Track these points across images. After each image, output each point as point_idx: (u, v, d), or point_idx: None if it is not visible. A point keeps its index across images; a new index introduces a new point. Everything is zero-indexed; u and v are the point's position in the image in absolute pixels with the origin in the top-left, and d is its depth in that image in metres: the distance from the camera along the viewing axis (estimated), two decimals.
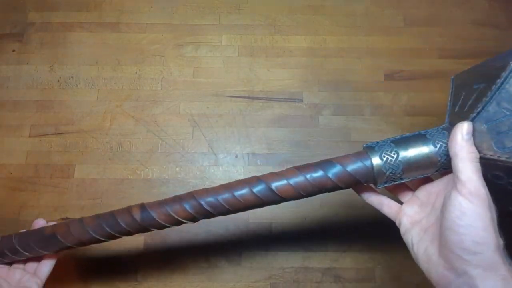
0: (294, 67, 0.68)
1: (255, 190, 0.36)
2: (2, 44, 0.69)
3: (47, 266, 0.43)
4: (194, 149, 0.62)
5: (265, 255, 0.57)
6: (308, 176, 0.36)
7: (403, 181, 0.35)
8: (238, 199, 0.36)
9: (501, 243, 0.28)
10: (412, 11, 0.72)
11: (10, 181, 0.60)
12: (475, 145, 0.30)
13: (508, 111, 0.30)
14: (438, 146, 0.33)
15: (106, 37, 0.69)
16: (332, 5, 0.72)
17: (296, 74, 0.67)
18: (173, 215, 0.37)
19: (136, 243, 0.57)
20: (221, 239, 0.58)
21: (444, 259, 0.29)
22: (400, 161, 0.34)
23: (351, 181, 0.36)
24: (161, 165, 0.61)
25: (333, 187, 0.36)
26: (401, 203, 0.37)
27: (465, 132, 0.30)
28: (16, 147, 0.62)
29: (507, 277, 0.27)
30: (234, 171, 0.61)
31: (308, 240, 0.58)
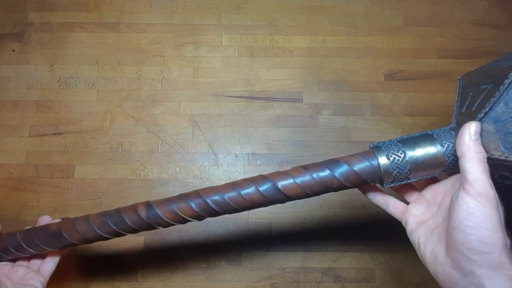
0: (294, 67, 0.68)
1: (261, 188, 0.36)
2: (2, 44, 0.69)
3: (50, 264, 0.43)
4: (194, 149, 0.62)
5: (265, 255, 0.57)
6: (314, 175, 0.36)
7: (409, 181, 0.35)
8: (244, 198, 0.36)
9: (508, 243, 0.28)
10: (412, 11, 0.72)
11: (10, 181, 0.60)
12: (483, 145, 0.30)
13: None
14: (445, 146, 0.33)
15: (106, 37, 0.69)
16: (332, 5, 0.72)
17: (296, 74, 0.67)
18: (179, 213, 0.37)
19: (136, 243, 0.57)
20: (221, 239, 0.58)
21: (451, 259, 0.29)
22: (407, 161, 0.34)
23: (358, 181, 0.35)
24: (161, 165, 0.61)
25: (340, 187, 0.36)
26: (407, 203, 0.37)
27: (473, 132, 0.30)
28: (16, 147, 0.62)
29: None
30: (234, 171, 0.61)
31: (308, 240, 0.58)
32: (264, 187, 0.36)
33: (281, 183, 0.36)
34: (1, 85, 0.66)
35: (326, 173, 0.36)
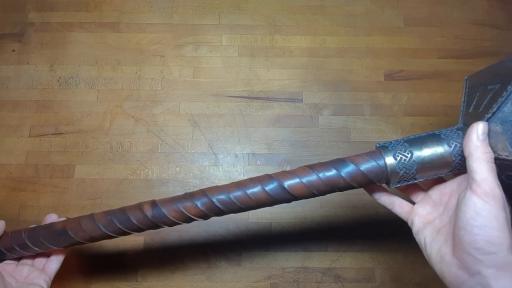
0: (294, 67, 0.68)
1: (267, 188, 0.36)
2: (2, 44, 0.69)
3: (55, 262, 0.43)
4: (194, 149, 0.63)
5: (265, 255, 0.57)
6: (321, 175, 0.36)
7: (416, 181, 0.35)
8: (250, 197, 0.36)
9: None
10: (412, 11, 0.72)
11: (10, 181, 0.60)
12: (490, 145, 0.30)
13: None
14: (453, 146, 0.33)
15: (106, 37, 0.69)
16: (332, 5, 0.72)
17: (296, 74, 0.67)
18: (184, 212, 0.37)
19: (136, 243, 0.57)
20: (221, 239, 0.58)
21: (457, 259, 0.29)
22: (414, 160, 0.34)
23: (364, 181, 0.35)
24: (161, 165, 0.61)
25: (346, 186, 0.36)
26: (412, 203, 0.37)
27: (480, 132, 0.30)
28: (16, 147, 0.62)
29: None
30: (234, 171, 0.61)
31: (308, 240, 0.58)
32: (270, 187, 0.36)
33: (287, 183, 0.36)
34: (1, 85, 0.66)
35: (332, 172, 0.35)
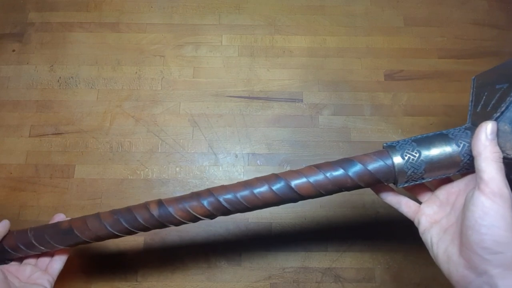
0: (294, 67, 0.68)
1: (274, 187, 0.36)
2: (2, 44, 0.69)
3: (58, 262, 0.43)
4: (194, 149, 0.63)
5: (265, 255, 0.57)
6: (328, 174, 0.35)
7: (424, 181, 0.35)
8: (257, 197, 0.36)
9: None
10: (412, 11, 0.72)
11: (10, 181, 0.60)
12: (499, 145, 0.30)
13: None
14: (461, 145, 0.33)
15: (106, 37, 0.69)
16: (332, 5, 0.72)
17: (296, 74, 0.67)
18: (191, 211, 0.37)
19: (136, 243, 0.57)
20: (221, 239, 0.58)
21: (464, 259, 0.29)
22: (422, 160, 0.33)
23: (372, 180, 0.35)
24: (161, 165, 0.61)
25: (353, 186, 0.36)
26: (419, 203, 0.37)
27: (489, 131, 0.30)
28: (16, 147, 0.62)
29: None
30: (234, 171, 0.61)
31: (308, 240, 0.58)
32: (277, 186, 0.36)
33: (294, 182, 0.36)
34: (1, 85, 0.66)
35: (339, 172, 0.35)
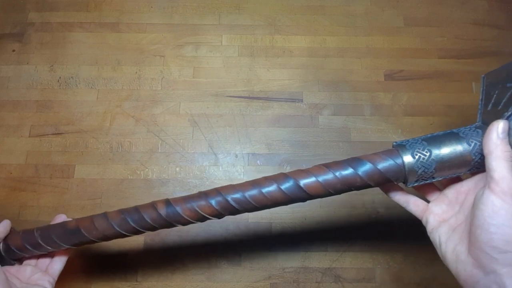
0: (294, 67, 0.68)
1: (283, 187, 0.36)
2: (2, 44, 0.69)
3: (59, 263, 0.43)
4: (194, 149, 0.62)
5: (265, 255, 0.57)
6: (337, 173, 0.35)
7: (434, 180, 0.35)
8: (265, 196, 0.36)
9: None
10: (412, 11, 0.72)
11: (10, 181, 0.60)
12: (510, 144, 0.30)
13: None
14: (472, 144, 0.33)
15: (106, 37, 0.69)
16: (332, 5, 0.72)
17: (296, 74, 0.67)
18: (199, 211, 0.37)
19: (136, 243, 0.57)
20: (221, 239, 0.58)
21: (473, 258, 0.30)
22: (433, 159, 0.33)
23: (381, 179, 0.35)
24: (161, 165, 0.61)
25: (363, 185, 0.36)
26: (427, 202, 0.37)
27: (500, 130, 0.30)
28: (16, 147, 0.62)
29: None
30: (234, 171, 0.61)
31: (308, 240, 0.58)
32: (285, 185, 0.36)
33: (303, 181, 0.36)
34: (1, 85, 0.66)
35: (349, 171, 0.35)
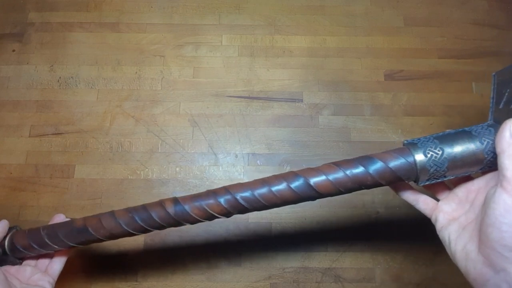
0: (294, 67, 0.68)
1: (293, 185, 0.36)
2: (2, 44, 0.69)
3: (58, 263, 0.43)
4: (194, 149, 0.63)
5: (265, 255, 0.57)
6: (348, 172, 0.35)
7: (445, 179, 0.35)
8: (275, 194, 0.36)
9: None
10: (412, 11, 0.72)
11: (10, 181, 0.60)
12: None
13: None
14: (485, 143, 0.33)
15: (106, 37, 0.69)
16: (332, 5, 0.72)
17: (296, 74, 0.67)
18: (208, 209, 0.37)
19: (136, 243, 0.57)
20: (221, 239, 0.58)
21: (483, 256, 0.30)
22: (445, 158, 0.33)
23: (393, 178, 0.35)
24: (161, 165, 0.61)
25: (373, 184, 0.35)
26: (437, 200, 0.37)
27: None
28: (16, 147, 0.62)
29: None
30: (234, 171, 0.61)
31: (308, 240, 0.58)
32: (295, 184, 0.36)
33: (313, 180, 0.35)
34: (1, 85, 0.66)
35: (359, 170, 0.35)
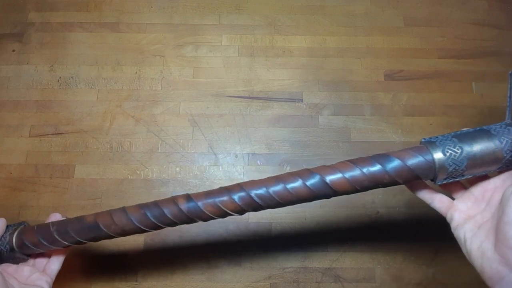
0: (294, 67, 0.68)
1: (308, 183, 0.35)
2: (2, 44, 0.69)
3: (56, 263, 0.43)
4: (194, 149, 0.62)
5: (265, 255, 0.57)
6: (364, 170, 0.35)
7: (463, 178, 0.34)
8: (290, 192, 0.36)
9: None
10: (412, 11, 0.72)
11: (10, 181, 0.60)
12: None
13: None
14: (504, 142, 0.32)
15: (106, 37, 0.69)
16: (332, 5, 0.72)
17: (296, 74, 0.67)
18: (221, 206, 0.36)
19: (136, 243, 0.57)
20: (221, 239, 0.58)
21: (500, 255, 0.30)
22: (464, 156, 0.33)
23: (410, 177, 0.34)
24: (161, 165, 0.61)
25: (390, 182, 0.35)
26: (452, 199, 0.37)
27: None
28: (16, 147, 0.62)
29: None
30: (234, 171, 0.61)
31: (308, 240, 0.58)
32: (311, 181, 0.35)
33: (329, 178, 0.35)
34: (1, 85, 0.66)
35: (377, 168, 0.35)
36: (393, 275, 0.56)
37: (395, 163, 0.34)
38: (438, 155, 0.33)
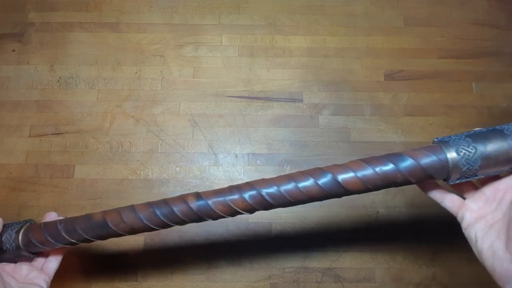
0: (294, 67, 0.68)
1: (320, 182, 0.35)
2: (2, 44, 0.69)
3: (54, 262, 0.43)
4: (194, 149, 0.62)
5: (265, 255, 0.57)
6: (377, 169, 0.34)
7: (476, 178, 0.34)
8: (301, 191, 0.35)
9: None
10: (412, 11, 0.72)
11: (10, 181, 0.60)
12: None
13: None
14: None
15: (106, 37, 0.69)
16: (332, 5, 0.72)
17: (296, 74, 0.67)
18: (231, 205, 0.36)
19: (136, 243, 0.57)
20: (221, 239, 0.58)
21: (511, 254, 0.30)
22: (478, 156, 0.33)
23: (423, 176, 0.34)
24: (161, 165, 0.61)
25: (403, 182, 0.35)
26: (463, 198, 0.37)
27: None
28: (16, 147, 0.62)
29: None
30: (234, 171, 0.61)
31: (308, 240, 0.58)
32: (323, 180, 0.35)
33: (341, 177, 0.35)
34: (1, 85, 0.66)
35: (389, 167, 0.34)
36: (393, 275, 0.56)
37: (408, 162, 0.34)
38: (451, 155, 0.33)
